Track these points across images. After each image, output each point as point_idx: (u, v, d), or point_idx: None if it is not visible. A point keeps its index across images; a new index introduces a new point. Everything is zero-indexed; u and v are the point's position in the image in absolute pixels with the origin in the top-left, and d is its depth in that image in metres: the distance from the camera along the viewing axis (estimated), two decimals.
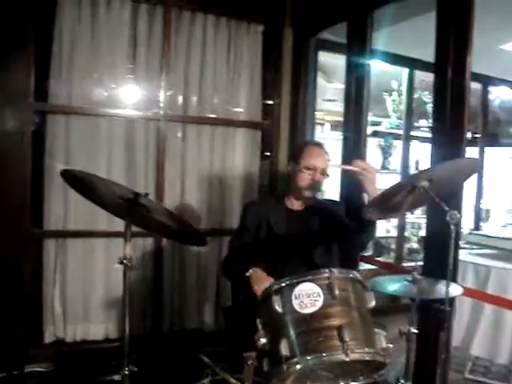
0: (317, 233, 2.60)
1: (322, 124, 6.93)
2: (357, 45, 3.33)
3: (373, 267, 3.61)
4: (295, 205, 2.66)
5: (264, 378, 1.73)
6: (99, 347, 3.70)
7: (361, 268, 3.50)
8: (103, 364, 3.19)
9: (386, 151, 5.95)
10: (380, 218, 2.20)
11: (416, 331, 2.14)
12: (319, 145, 2.66)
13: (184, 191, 3.98)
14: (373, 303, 1.83)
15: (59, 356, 3.60)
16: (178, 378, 3.06)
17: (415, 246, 5.64)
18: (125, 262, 1.95)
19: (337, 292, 1.72)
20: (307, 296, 1.72)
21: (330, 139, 4.73)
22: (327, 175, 2.59)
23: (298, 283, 1.76)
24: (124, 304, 1.99)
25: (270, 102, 4.12)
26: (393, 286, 2.12)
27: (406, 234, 5.59)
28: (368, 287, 1.87)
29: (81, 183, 2.08)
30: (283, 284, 1.78)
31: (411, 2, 2.95)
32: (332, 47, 4.12)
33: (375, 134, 5.91)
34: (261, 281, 2.19)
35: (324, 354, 1.63)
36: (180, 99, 3.89)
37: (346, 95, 3.47)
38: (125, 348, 2.00)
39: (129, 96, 3.76)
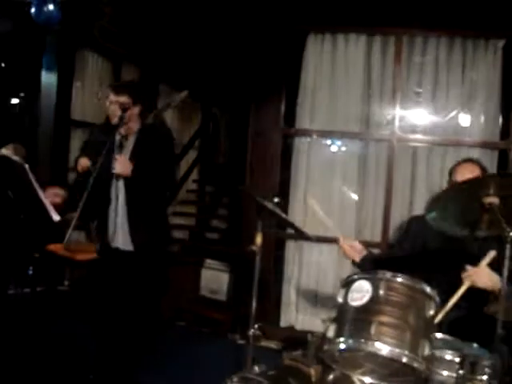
0: (472, 254, 2.50)
1: None
2: None
3: None
4: None
5: None
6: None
7: None
8: None
9: None
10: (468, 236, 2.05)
11: None
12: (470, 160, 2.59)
13: (412, 208, 4.12)
14: (431, 312, 1.84)
15: (289, 339, 4.26)
16: None
17: None
18: (254, 248, 2.48)
19: (382, 292, 1.83)
20: (358, 292, 1.90)
21: None
22: None
23: (358, 280, 1.94)
24: (253, 286, 2.50)
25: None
26: None
27: None
28: (434, 298, 1.87)
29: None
30: (349, 279, 1.99)
31: None
32: None
33: None
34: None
35: (351, 341, 1.80)
36: (412, 120, 4.09)
37: None
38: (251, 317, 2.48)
39: (363, 118, 4.18)
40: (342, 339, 1.86)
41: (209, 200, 7.51)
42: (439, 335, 2.22)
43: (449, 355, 1.97)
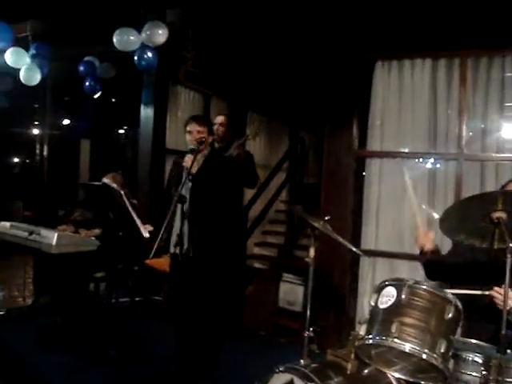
0: None
1: None
2: None
3: None
4: None
5: None
6: None
7: None
8: None
9: None
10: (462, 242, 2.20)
11: None
12: None
13: None
14: (450, 316, 2.05)
15: None
16: None
17: None
18: (307, 259, 2.79)
19: (404, 296, 2.08)
20: (386, 296, 2.16)
21: None
22: None
23: (387, 286, 2.21)
24: (307, 292, 2.80)
25: None
26: None
27: None
28: (455, 302, 2.07)
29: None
30: (381, 285, 2.25)
31: None
32: None
33: None
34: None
35: (376, 338, 2.07)
36: (479, 139, 4.18)
37: None
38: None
39: (429, 138, 4.34)
40: (370, 336, 2.13)
41: (297, 219, 7.84)
42: (473, 341, 2.39)
43: (475, 357, 2.15)
